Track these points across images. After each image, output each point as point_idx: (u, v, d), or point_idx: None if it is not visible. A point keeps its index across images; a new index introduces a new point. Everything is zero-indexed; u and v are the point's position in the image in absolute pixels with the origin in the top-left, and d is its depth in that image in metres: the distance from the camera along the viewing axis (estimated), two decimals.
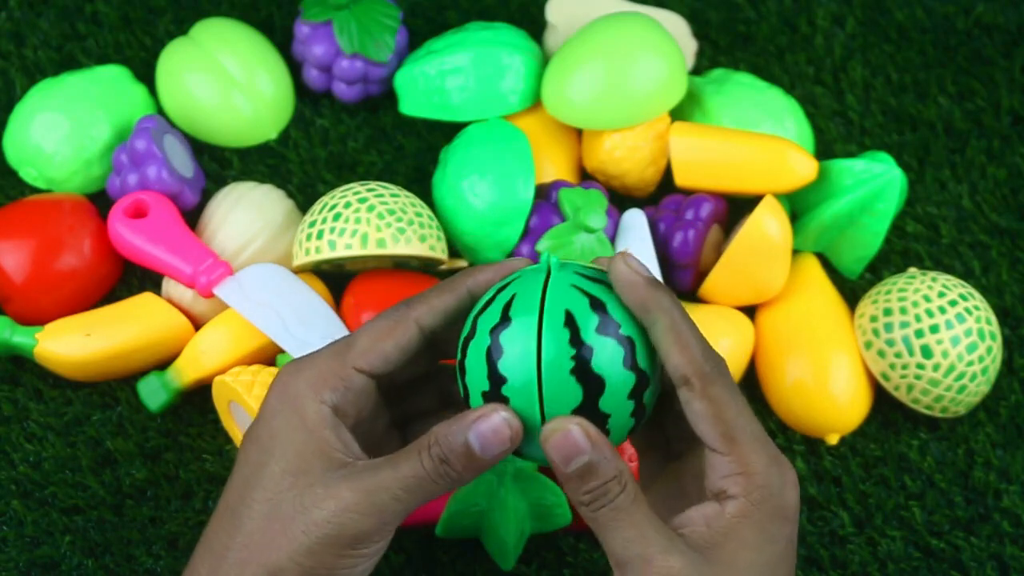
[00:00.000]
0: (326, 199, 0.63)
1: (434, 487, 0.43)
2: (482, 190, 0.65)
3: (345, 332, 0.63)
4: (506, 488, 0.57)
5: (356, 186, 0.64)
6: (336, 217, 0.62)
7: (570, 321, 0.44)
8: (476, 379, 0.45)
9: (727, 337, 0.64)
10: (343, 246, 0.61)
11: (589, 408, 0.44)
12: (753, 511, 0.43)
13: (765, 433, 0.45)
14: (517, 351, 0.44)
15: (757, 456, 0.43)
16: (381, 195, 0.63)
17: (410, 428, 0.52)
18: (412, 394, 0.51)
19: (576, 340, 0.44)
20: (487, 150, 0.66)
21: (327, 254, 0.61)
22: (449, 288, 0.46)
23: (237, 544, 0.43)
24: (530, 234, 0.65)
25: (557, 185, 0.66)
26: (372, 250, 0.61)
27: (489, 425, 0.43)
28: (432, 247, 0.63)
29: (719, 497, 0.43)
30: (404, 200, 0.63)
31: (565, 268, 0.46)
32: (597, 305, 0.45)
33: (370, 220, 0.61)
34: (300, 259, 0.63)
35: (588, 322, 0.44)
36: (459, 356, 0.46)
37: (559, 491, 0.57)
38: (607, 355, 0.44)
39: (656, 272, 0.64)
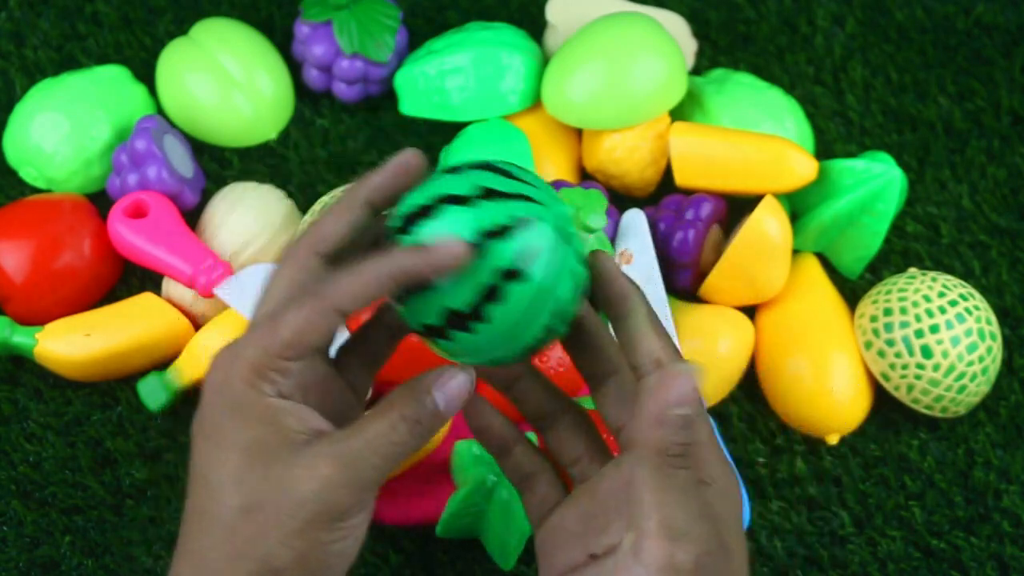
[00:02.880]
0: (325, 199, 0.64)
1: (407, 449, 0.43)
2: None
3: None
4: (506, 488, 0.57)
5: None
6: None
7: None
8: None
9: (727, 337, 0.64)
10: None
11: None
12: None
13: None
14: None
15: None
16: None
17: (367, 371, 0.49)
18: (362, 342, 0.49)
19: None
20: (486, 150, 0.66)
21: None
22: (369, 275, 0.42)
23: (218, 542, 0.43)
24: None
25: (557, 185, 0.66)
26: None
27: (453, 385, 0.43)
28: None
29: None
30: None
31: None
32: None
33: None
34: None
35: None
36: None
37: None
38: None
39: (656, 271, 0.64)
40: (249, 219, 0.65)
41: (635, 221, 0.66)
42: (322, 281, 0.44)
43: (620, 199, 0.71)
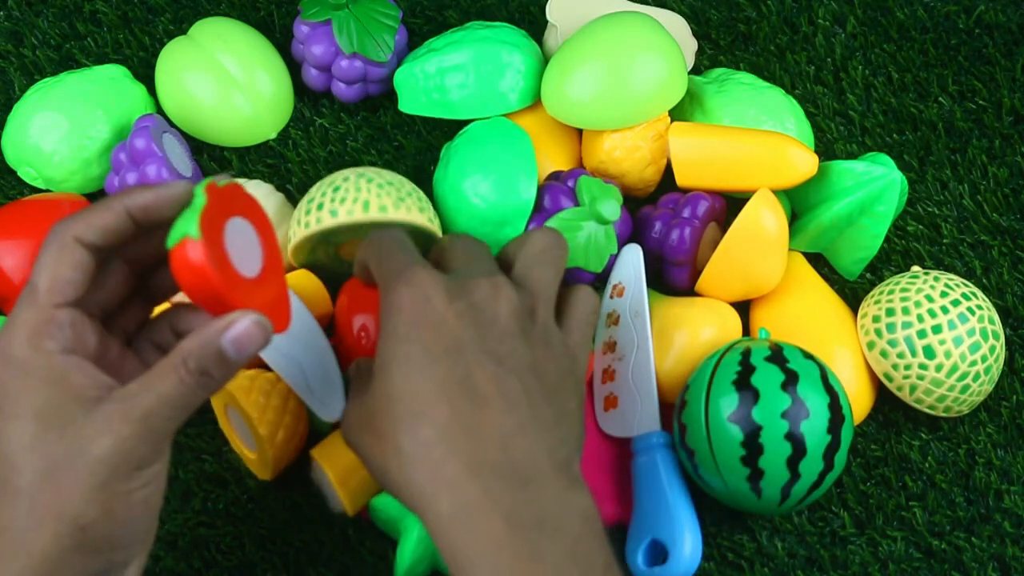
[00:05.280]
0: (324, 180, 0.64)
1: (197, 398, 0.45)
2: (484, 190, 0.65)
3: (327, 346, 0.62)
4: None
5: (353, 168, 0.64)
6: (336, 189, 0.62)
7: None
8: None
9: (711, 326, 0.63)
10: (345, 213, 0.61)
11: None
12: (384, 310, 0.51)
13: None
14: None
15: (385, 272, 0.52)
16: (380, 173, 0.64)
17: (136, 342, 0.52)
18: (124, 310, 0.51)
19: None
20: (490, 149, 0.66)
21: (328, 222, 0.61)
22: (106, 206, 0.46)
23: (22, 510, 0.44)
24: (541, 213, 0.65)
25: (577, 172, 0.66)
26: (374, 215, 0.61)
27: (242, 330, 0.45)
28: (431, 219, 0.63)
29: None
30: (401, 179, 0.64)
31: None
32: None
33: (371, 189, 0.62)
34: (299, 235, 0.62)
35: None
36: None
37: None
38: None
39: (645, 308, 0.63)
40: None
41: (631, 256, 0.66)
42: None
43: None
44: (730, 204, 0.69)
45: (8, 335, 0.45)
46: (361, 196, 0.62)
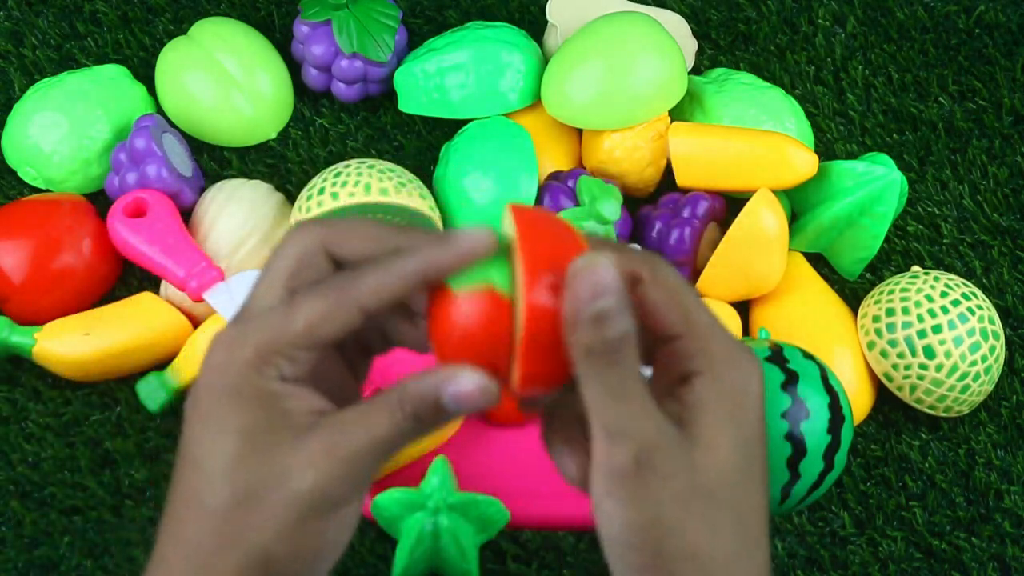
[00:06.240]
0: (326, 169, 0.66)
1: (404, 441, 0.42)
2: (485, 187, 0.65)
3: None
4: (448, 519, 0.57)
5: (356, 159, 0.65)
6: (337, 175, 0.64)
7: None
8: None
9: None
10: (346, 195, 0.62)
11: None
12: (720, 387, 0.41)
13: (723, 324, 0.43)
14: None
15: (717, 338, 0.42)
16: (381, 162, 0.65)
17: (358, 364, 0.48)
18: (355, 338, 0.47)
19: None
20: (490, 147, 0.66)
21: (330, 205, 0.62)
22: (399, 273, 0.41)
23: (210, 530, 0.42)
24: None
25: (577, 172, 0.66)
26: (375, 197, 0.62)
27: (466, 390, 0.41)
28: (431, 207, 0.64)
29: (686, 379, 0.41)
30: (402, 169, 0.66)
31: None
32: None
33: (372, 174, 0.63)
34: (300, 220, 0.63)
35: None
36: None
37: (491, 499, 0.58)
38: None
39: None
40: (242, 216, 0.65)
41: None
42: (346, 276, 0.42)
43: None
44: (730, 204, 0.69)
45: (233, 347, 0.42)
46: (363, 180, 0.63)
